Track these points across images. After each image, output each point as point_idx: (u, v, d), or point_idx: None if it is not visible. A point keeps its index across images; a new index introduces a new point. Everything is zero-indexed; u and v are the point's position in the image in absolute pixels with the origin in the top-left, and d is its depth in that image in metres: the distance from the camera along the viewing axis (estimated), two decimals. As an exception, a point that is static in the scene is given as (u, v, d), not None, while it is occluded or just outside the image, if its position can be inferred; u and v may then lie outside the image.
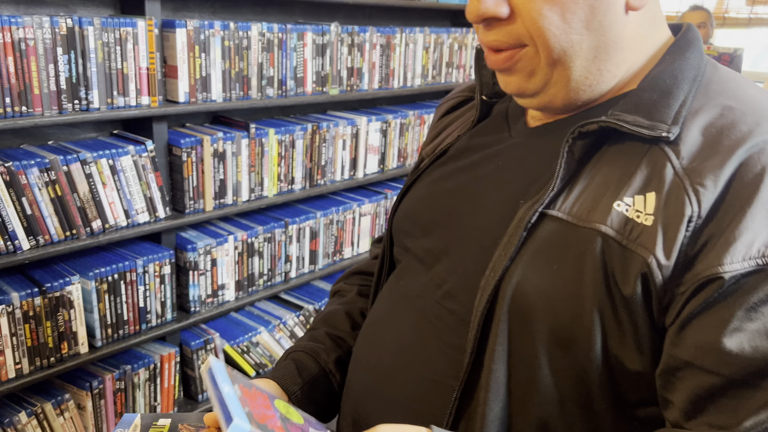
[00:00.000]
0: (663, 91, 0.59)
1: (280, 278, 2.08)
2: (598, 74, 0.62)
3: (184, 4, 1.83)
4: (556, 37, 0.59)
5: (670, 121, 0.57)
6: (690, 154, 0.56)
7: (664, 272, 0.54)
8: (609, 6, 0.59)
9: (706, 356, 0.53)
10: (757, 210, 0.52)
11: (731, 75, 0.64)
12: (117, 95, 1.57)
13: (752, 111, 0.58)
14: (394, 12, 2.48)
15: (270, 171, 1.96)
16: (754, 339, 0.52)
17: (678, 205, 0.54)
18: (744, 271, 0.52)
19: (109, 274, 1.63)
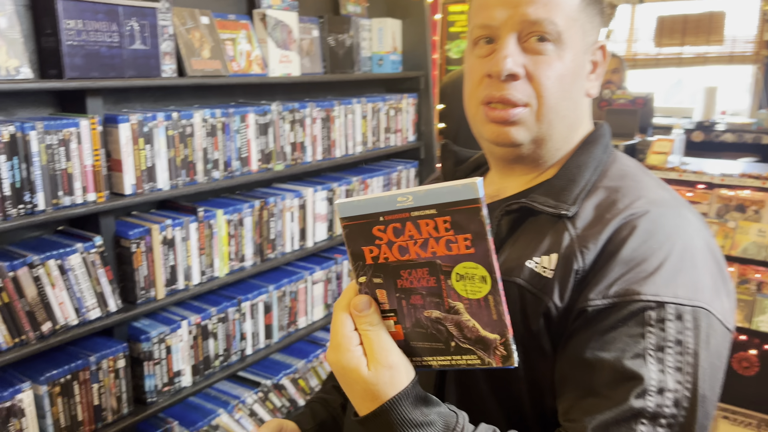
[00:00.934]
0: (569, 179, 0.81)
1: (236, 357, 2.07)
2: (564, 141, 0.84)
3: (124, 96, 1.85)
4: (554, 96, 0.79)
5: (570, 203, 0.78)
6: (582, 225, 0.76)
7: (559, 311, 0.73)
8: (580, 85, 0.82)
9: (573, 368, 0.71)
10: (617, 263, 0.71)
11: (626, 163, 0.84)
12: (63, 195, 1.57)
13: (631, 192, 0.77)
14: (331, 85, 2.56)
15: (220, 251, 1.97)
16: (603, 354, 0.68)
17: (569, 262, 0.73)
18: (603, 305, 0.70)
19: (62, 376, 1.59)
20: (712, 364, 0.69)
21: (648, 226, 0.72)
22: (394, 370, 0.66)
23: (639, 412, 0.65)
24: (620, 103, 3.81)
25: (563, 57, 0.78)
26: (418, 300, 0.66)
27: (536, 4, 0.77)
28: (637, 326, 0.68)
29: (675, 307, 0.68)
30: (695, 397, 0.67)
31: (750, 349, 2.92)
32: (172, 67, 1.83)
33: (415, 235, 0.63)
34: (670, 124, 4.49)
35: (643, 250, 0.71)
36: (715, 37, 4.99)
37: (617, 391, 0.67)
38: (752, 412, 2.89)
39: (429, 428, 0.65)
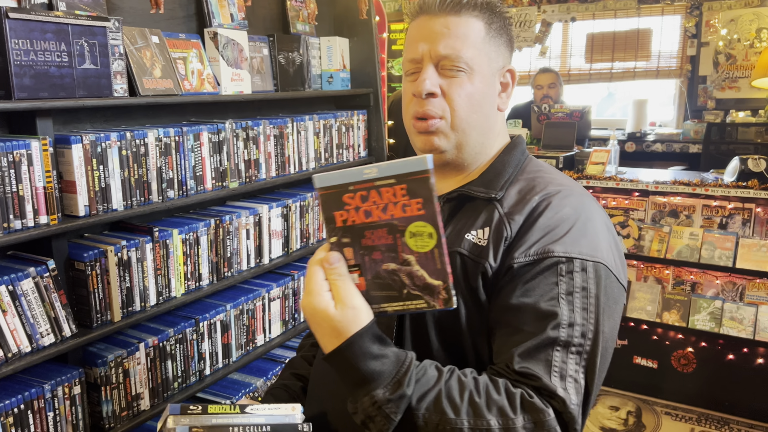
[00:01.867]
0: (496, 173, 1.04)
1: (194, 378, 2.04)
2: (481, 147, 1.05)
3: (75, 116, 1.81)
4: (464, 111, 1.00)
5: (498, 189, 1.00)
6: (509, 205, 0.98)
7: (492, 269, 0.93)
8: (491, 102, 1.03)
9: (502, 312, 0.90)
10: (537, 229, 0.92)
11: (539, 164, 1.09)
12: (13, 218, 1.53)
13: (543, 180, 1.01)
14: (282, 103, 2.58)
15: (176, 271, 1.95)
16: (525, 299, 0.88)
17: (500, 231, 0.95)
18: (525, 262, 0.90)
19: (14, 406, 1.53)
20: (609, 307, 0.90)
21: (559, 202, 0.94)
22: (357, 310, 0.82)
23: (554, 340, 0.85)
24: (558, 116, 3.98)
25: (472, 80, 0.99)
26: (378, 255, 0.81)
27: (446, 42, 0.98)
28: (552, 276, 0.88)
29: (580, 262, 0.89)
30: (597, 330, 0.88)
31: (687, 347, 3.09)
32: (123, 87, 1.81)
33: (378, 200, 0.78)
34: (605, 136, 4.71)
35: (555, 219, 0.92)
36: (642, 52, 5.29)
37: (537, 326, 0.86)
38: (692, 407, 3.05)
39: (383, 359, 0.81)
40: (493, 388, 0.83)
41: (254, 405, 0.91)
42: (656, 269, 3.25)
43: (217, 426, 0.86)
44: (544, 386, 0.83)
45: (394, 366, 0.81)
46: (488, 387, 0.83)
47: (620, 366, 3.23)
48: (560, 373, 0.84)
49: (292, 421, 0.89)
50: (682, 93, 5.23)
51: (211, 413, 0.88)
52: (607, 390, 3.24)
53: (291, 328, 2.44)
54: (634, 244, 3.26)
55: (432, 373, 0.84)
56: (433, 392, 0.82)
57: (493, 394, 0.82)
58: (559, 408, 0.83)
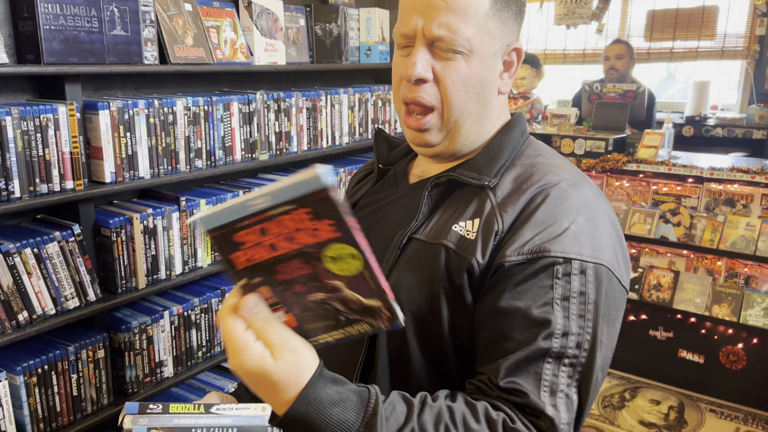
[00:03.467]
0: (491, 156, 0.91)
1: (219, 348, 2.05)
2: (476, 135, 0.93)
3: (105, 83, 1.82)
4: (459, 100, 0.88)
5: (492, 175, 0.88)
6: (503, 194, 0.86)
7: (480, 267, 0.82)
8: (491, 86, 0.90)
9: (489, 316, 0.80)
10: (531, 225, 0.81)
11: (539, 146, 0.96)
12: (40, 182, 1.54)
13: (544, 167, 0.88)
14: (317, 75, 2.54)
15: (203, 241, 1.95)
16: (516, 303, 0.78)
17: (491, 224, 0.83)
18: (517, 261, 0.79)
19: (39, 366, 1.56)
20: (609, 314, 0.80)
21: (558, 194, 0.83)
22: (298, 353, 0.68)
23: (545, 352, 0.76)
24: (610, 96, 3.80)
25: (470, 63, 0.86)
26: (300, 288, 0.68)
27: (442, 19, 0.84)
28: (547, 279, 0.78)
29: (579, 263, 0.78)
30: (595, 340, 0.78)
31: (738, 343, 2.92)
32: (154, 54, 1.80)
33: (279, 230, 0.65)
34: (660, 119, 4.48)
35: (553, 214, 0.81)
36: (706, 31, 4.99)
37: (527, 334, 0.77)
38: (739, 406, 2.90)
39: (345, 404, 0.69)
40: (471, 417, 0.74)
41: (221, 404, 0.85)
42: (707, 260, 3.08)
43: (179, 428, 0.80)
44: (530, 404, 0.74)
45: (360, 408, 0.69)
46: (465, 417, 0.74)
47: (664, 359, 3.09)
48: (550, 389, 0.75)
49: (261, 423, 0.82)
50: (748, 75, 4.92)
51: (173, 413, 0.82)
52: (649, 383, 3.11)
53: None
54: (684, 233, 3.09)
55: (401, 408, 0.73)
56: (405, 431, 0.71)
57: (471, 425, 0.73)
58: (546, 429, 0.75)
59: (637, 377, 3.15)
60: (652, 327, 3.12)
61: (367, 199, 1.05)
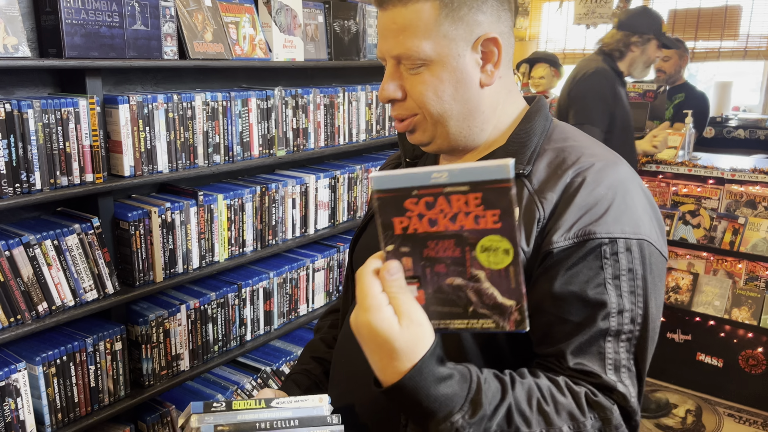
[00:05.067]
0: (521, 144, 0.92)
1: (235, 342, 2.06)
2: (469, 130, 0.94)
3: (125, 77, 1.83)
4: (433, 107, 0.90)
5: (526, 162, 0.89)
6: (539, 181, 0.87)
7: (526, 255, 0.84)
8: (467, 84, 0.90)
9: (544, 301, 0.82)
10: (574, 208, 0.83)
11: (566, 129, 0.97)
12: (60, 175, 1.56)
13: (575, 151, 0.90)
14: (335, 72, 2.54)
15: (220, 236, 1.96)
16: (570, 287, 0.81)
17: (531, 212, 0.85)
18: (565, 246, 0.82)
19: (57, 357, 1.58)
20: (655, 286, 0.84)
21: (594, 177, 0.85)
22: (423, 327, 0.72)
23: (605, 331, 0.80)
24: (630, 96, 3.76)
25: (435, 71, 0.89)
26: (441, 268, 0.72)
27: (395, 41, 0.88)
28: (596, 260, 0.81)
29: (624, 241, 0.82)
30: (646, 313, 0.82)
31: (757, 347, 2.88)
32: (173, 49, 1.81)
33: (446, 209, 0.69)
34: (681, 119, 4.42)
35: (593, 196, 0.84)
36: (729, 31, 4.91)
37: (585, 316, 0.80)
38: (758, 411, 2.85)
39: (451, 380, 0.73)
40: (557, 391, 0.78)
41: (280, 398, 0.87)
42: (727, 263, 3.03)
43: (244, 423, 0.82)
44: (602, 383, 0.79)
45: (463, 385, 0.74)
46: (552, 391, 0.78)
47: (681, 362, 3.05)
48: (614, 365, 0.80)
49: (320, 413, 0.85)
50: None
51: (236, 410, 0.84)
52: (666, 386, 3.07)
53: (335, 300, 2.42)
54: (704, 235, 3.05)
55: (495, 385, 0.77)
56: (502, 407, 0.75)
57: (559, 398, 0.78)
58: (620, 402, 0.79)
59: (654, 380, 3.11)
60: (670, 329, 3.08)
61: None
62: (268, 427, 0.82)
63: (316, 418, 0.84)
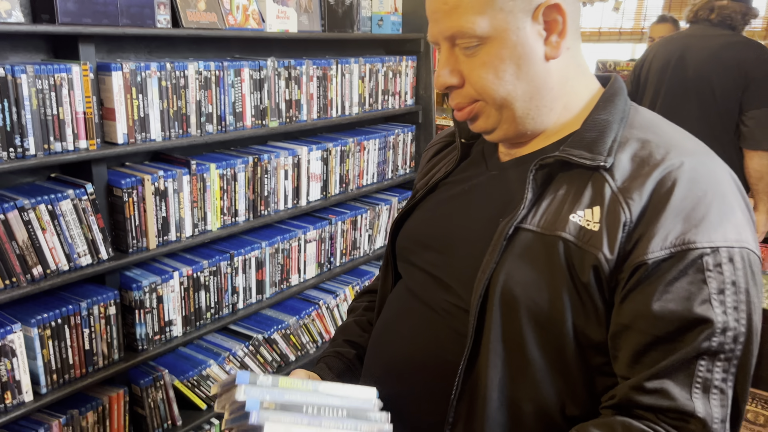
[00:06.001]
0: (599, 131, 0.81)
1: (227, 310, 2.10)
2: (537, 110, 0.85)
3: (119, 45, 1.84)
4: (495, 90, 0.82)
5: (606, 153, 0.79)
6: (622, 177, 0.77)
7: (609, 264, 0.75)
8: (530, 60, 0.81)
9: (639, 320, 0.74)
10: (669, 213, 0.73)
11: (648, 115, 0.87)
12: (54, 140, 1.58)
13: (663, 143, 0.80)
14: (329, 44, 2.55)
15: (213, 205, 1.98)
16: (670, 305, 0.72)
17: (616, 214, 0.75)
18: (662, 257, 0.73)
19: (53, 320, 1.62)
20: (758, 298, 0.75)
21: (690, 176, 0.75)
22: None
23: (704, 351, 0.71)
24: (624, 75, 3.77)
25: (492, 49, 0.80)
26: None
27: (446, 22, 0.81)
28: (698, 273, 0.72)
29: (727, 251, 0.73)
30: (750, 330, 0.74)
31: None
32: (166, 18, 1.82)
33: None
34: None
35: (689, 200, 0.74)
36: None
37: (686, 336, 0.72)
38: None
39: None
40: None
41: (327, 383, 0.83)
42: None
43: (291, 404, 0.77)
44: (678, 407, 0.71)
45: None
46: None
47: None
48: (703, 386, 0.72)
49: (369, 407, 0.81)
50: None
51: (283, 387, 0.79)
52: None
53: (326, 271, 2.46)
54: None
55: None
56: None
57: None
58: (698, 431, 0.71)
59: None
60: None
61: (454, 177, 0.99)
62: (316, 412, 0.78)
63: (365, 411, 0.80)
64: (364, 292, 1.22)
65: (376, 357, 0.99)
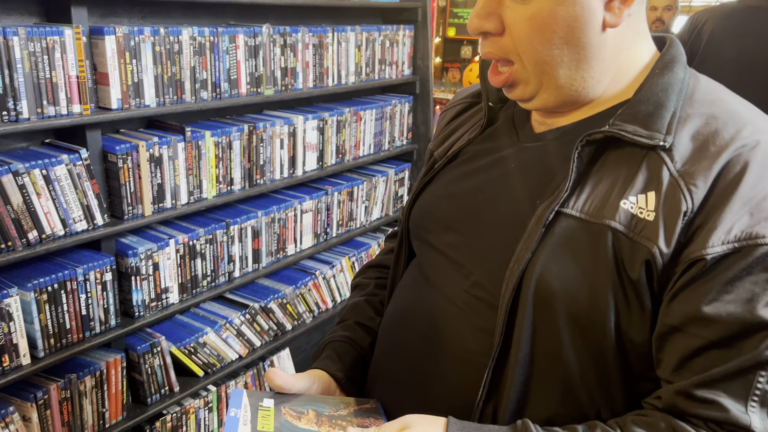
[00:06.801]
0: (656, 104, 0.70)
1: (224, 278, 2.11)
2: (582, 81, 0.72)
3: (112, 9, 1.82)
4: (538, 52, 0.70)
5: (665, 131, 0.68)
6: (683, 158, 0.67)
7: (664, 258, 0.65)
8: (586, 25, 0.69)
9: (690, 322, 0.65)
10: (735, 203, 0.63)
11: (711, 85, 0.75)
12: (47, 104, 1.57)
13: (732, 119, 0.68)
14: (325, 11, 2.52)
15: (208, 173, 1.98)
16: (728, 307, 0.63)
17: (675, 202, 0.65)
18: (723, 252, 0.63)
19: (49, 284, 1.62)
20: None
21: (762, 159, 0.65)
22: None
23: (765, 361, 0.63)
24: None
25: (547, 6, 0.68)
26: None
27: None
28: (765, 272, 0.63)
29: None
30: None
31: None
32: (159, -18, 1.80)
33: None
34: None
35: (761, 187, 0.64)
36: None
37: (746, 342, 0.63)
38: None
39: None
40: None
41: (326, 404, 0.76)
42: None
43: None
44: (731, 420, 0.63)
45: None
46: None
47: None
48: (761, 398, 0.63)
49: None
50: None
51: None
52: None
53: (322, 242, 2.47)
54: None
55: None
56: None
57: None
58: None
59: None
60: None
61: (477, 147, 0.86)
62: None
63: None
64: (370, 266, 1.09)
65: (389, 354, 0.88)
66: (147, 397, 1.93)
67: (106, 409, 1.83)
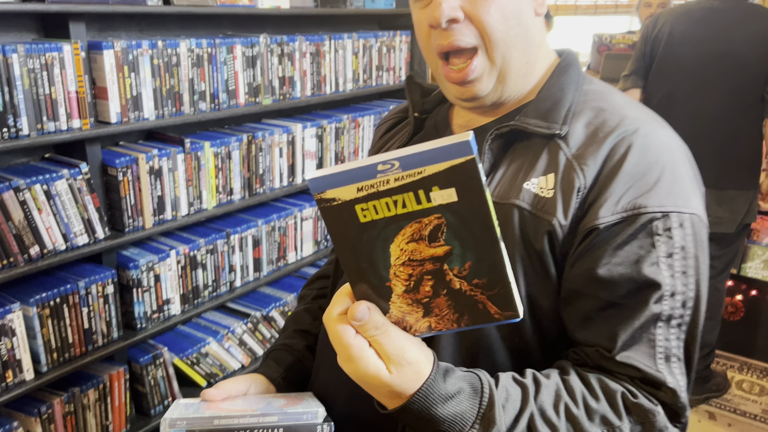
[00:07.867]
0: (554, 101, 0.81)
1: (225, 288, 2.11)
2: (526, 67, 0.83)
3: (109, 24, 1.83)
4: (500, 31, 0.78)
5: (561, 122, 0.78)
6: (577, 144, 0.77)
7: (563, 229, 0.74)
8: (528, 5, 0.80)
9: (588, 284, 0.73)
10: (621, 179, 0.73)
11: (600, 86, 0.87)
12: (47, 120, 1.57)
13: (617, 111, 0.80)
14: (321, 19, 2.53)
15: (208, 183, 1.99)
16: (619, 268, 0.72)
17: (570, 180, 0.75)
18: (613, 221, 0.72)
19: (51, 299, 1.63)
20: (706, 264, 0.75)
21: (642, 142, 0.75)
22: (414, 364, 0.64)
23: (657, 317, 0.71)
24: (620, 47, 3.75)
25: None
26: None
27: None
28: (648, 237, 0.72)
29: (677, 216, 0.73)
30: (698, 296, 0.74)
31: (737, 295, 2.96)
32: (156, -5, 1.80)
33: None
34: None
35: (642, 165, 0.74)
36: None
37: (636, 299, 0.71)
38: (734, 355, 2.96)
39: (460, 396, 0.66)
40: (589, 394, 0.71)
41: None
42: (710, 212, 3.08)
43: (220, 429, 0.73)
44: (648, 377, 0.71)
45: (474, 399, 0.67)
46: (584, 393, 0.71)
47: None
48: (665, 355, 0.71)
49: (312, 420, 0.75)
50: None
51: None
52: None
53: (323, 248, 2.47)
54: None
55: (515, 391, 0.69)
56: (524, 417, 0.68)
57: (591, 402, 0.70)
58: (668, 400, 0.72)
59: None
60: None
61: None
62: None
63: (304, 426, 0.74)
64: (316, 278, 1.15)
65: (326, 347, 0.90)
66: (150, 408, 1.94)
67: (109, 422, 1.84)
